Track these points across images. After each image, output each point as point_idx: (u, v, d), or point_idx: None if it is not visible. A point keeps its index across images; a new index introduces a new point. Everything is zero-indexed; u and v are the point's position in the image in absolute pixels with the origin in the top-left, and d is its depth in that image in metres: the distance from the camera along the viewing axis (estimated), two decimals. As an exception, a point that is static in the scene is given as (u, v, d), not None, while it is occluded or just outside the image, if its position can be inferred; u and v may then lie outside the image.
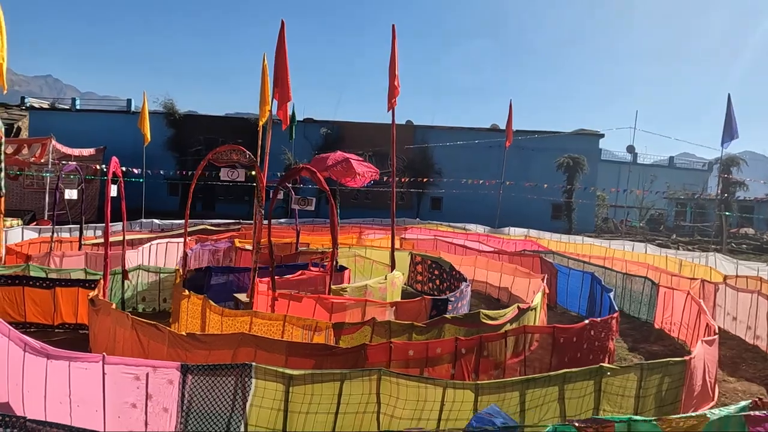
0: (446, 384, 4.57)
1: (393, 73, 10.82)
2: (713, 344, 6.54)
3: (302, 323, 6.75)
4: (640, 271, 13.78)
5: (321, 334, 6.70)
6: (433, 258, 12.54)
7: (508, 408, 4.69)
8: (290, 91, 8.78)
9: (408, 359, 5.65)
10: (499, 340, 6.07)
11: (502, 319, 7.69)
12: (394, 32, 10.89)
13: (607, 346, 7.35)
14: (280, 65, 8.66)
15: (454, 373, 5.74)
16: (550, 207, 29.85)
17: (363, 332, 6.67)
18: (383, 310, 8.04)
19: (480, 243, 16.65)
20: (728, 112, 17.03)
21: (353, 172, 9.97)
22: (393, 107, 11.05)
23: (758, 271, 14.12)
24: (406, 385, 4.54)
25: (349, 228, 19.79)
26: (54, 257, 11.19)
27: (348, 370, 4.54)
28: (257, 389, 4.47)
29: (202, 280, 10.60)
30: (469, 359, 5.85)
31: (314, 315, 7.78)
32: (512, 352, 6.58)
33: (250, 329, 6.89)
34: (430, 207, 31.97)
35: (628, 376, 5.20)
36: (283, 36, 8.73)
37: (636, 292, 11.71)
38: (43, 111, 34.80)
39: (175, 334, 5.81)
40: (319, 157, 10.62)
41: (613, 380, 5.14)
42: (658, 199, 39.28)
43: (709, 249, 26.93)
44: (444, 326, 6.99)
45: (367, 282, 9.50)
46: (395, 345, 5.57)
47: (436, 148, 30.85)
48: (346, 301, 7.88)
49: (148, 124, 19.79)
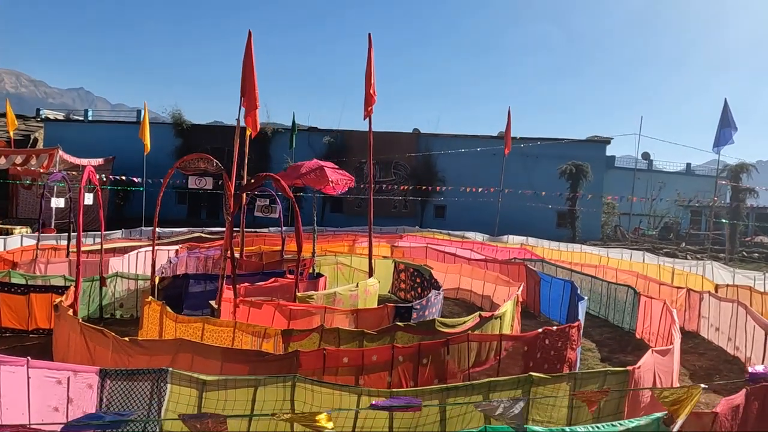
0: (361, 391, 4.54)
1: (369, 82, 10.87)
2: (667, 354, 6.37)
3: (251, 330, 6.77)
4: (629, 279, 13.51)
5: (270, 341, 6.71)
6: (414, 266, 12.49)
7: (427, 417, 4.64)
8: (257, 100, 8.88)
9: (342, 366, 5.62)
10: (440, 349, 6.00)
11: (460, 327, 7.61)
12: (371, 41, 10.96)
13: (565, 355, 7.21)
14: (247, 74, 8.77)
15: (391, 381, 5.69)
16: (555, 215, 29.48)
17: (311, 339, 6.66)
18: (343, 318, 8.03)
19: (472, 251, 16.53)
20: (724, 116, 16.66)
21: (326, 180, 10.01)
22: (369, 115, 11.09)
23: (754, 280, 13.72)
24: (320, 392, 4.52)
25: (344, 236, 19.82)
26: (39, 264, 11.45)
27: (262, 377, 4.54)
28: (172, 394, 4.50)
29: (181, 287, 10.73)
30: (407, 367, 5.79)
31: (273, 322, 7.80)
32: (470, 360, 6.52)
33: (202, 336, 6.94)
34: (434, 215, 31.85)
35: (560, 385, 5.10)
36: (251, 46, 8.85)
37: (620, 301, 11.49)
38: (58, 122, 35.76)
39: (118, 340, 5.88)
40: (294, 165, 10.70)
41: (544, 390, 5.04)
42: (672, 207, 38.52)
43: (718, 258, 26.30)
44: (396, 334, 6.94)
45: (336, 289, 9.49)
46: (329, 352, 5.56)
47: (440, 156, 30.79)
48: (304, 309, 7.88)
49: (148, 133, 20.20)
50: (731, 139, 16.67)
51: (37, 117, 35.07)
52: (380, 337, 6.83)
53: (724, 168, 26.12)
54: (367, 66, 10.94)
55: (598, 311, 12.39)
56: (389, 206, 31.56)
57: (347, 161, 32.02)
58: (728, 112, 16.51)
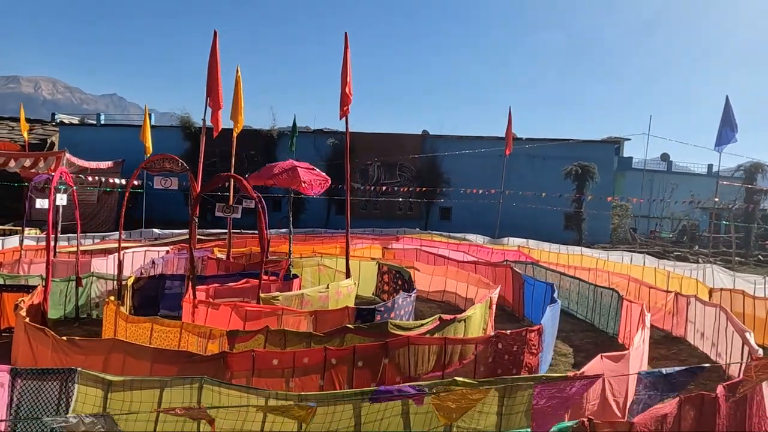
0: (269, 394, 4.41)
1: (345, 81, 10.78)
2: (620, 360, 6.09)
3: (197, 331, 6.71)
4: (621, 283, 13.12)
5: (215, 342, 6.65)
6: (396, 268, 12.33)
7: (340, 422, 4.49)
8: (221, 100, 8.85)
9: (273, 369, 5.51)
10: (378, 352, 5.84)
11: (417, 330, 7.43)
12: (347, 41, 10.86)
13: (522, 360, 6.98)
14: (212, 75, 8.75)
15: (323, 384, 5.56)
16: (563, 217, 28.91)
17: (257, 340, 6.57)
18: (301, 320, 7.92)
19: (465, 254, 16.28)
20: (725, 115, 16.03)
21: (298, 181, 9.93)
22: (346, 115, 11.00)
23: (755, 284, 13.19)
24: (227, 395, 4.41)
25: (340, 237, 19.73)
26: (23, 264, 11.63)
27: (168, 378, 4.46)
28: (79, 394, 4.44)
29: (157, 288, 10.77)
30: (341, 370, 5.65)
31: (230, 323, 7.74)
32: (418, 364, 6.35)
33: (150, 336, 6.92)
34: (439, 217, 31.56)
35: (488, 391, 4.89)
36: (216, 47, 8.84)
37: (605, 305, 11.14)
38: (72, 126, 36.56)
39: (57, 339, 5.88)
40: (268, 165, 10.66)
41: (470, 395, 4.84)
42: (689, 209, 37.45)
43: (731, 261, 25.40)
44: (346, 336, 6.80)
45: (304, 291, 9.39)
46: (258, 354, 5.45)
47: (446, 158, 30.51)
48: (260, 310, 7.80)
49: (149, 136, 20.46)
50: (734, 137, 16.05)
51: (53, 121, 35.91)
52: (328, 340, 6.69)
53: (738, 168, 25.26)
54: (343, 66, 10.86)
55: (585, 315, 12.05)
56: (394, 208, 31.40)
57: (352, 163, 32.03)
58: (730, 110, 15.92)
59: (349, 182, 11.37)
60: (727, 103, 16.03)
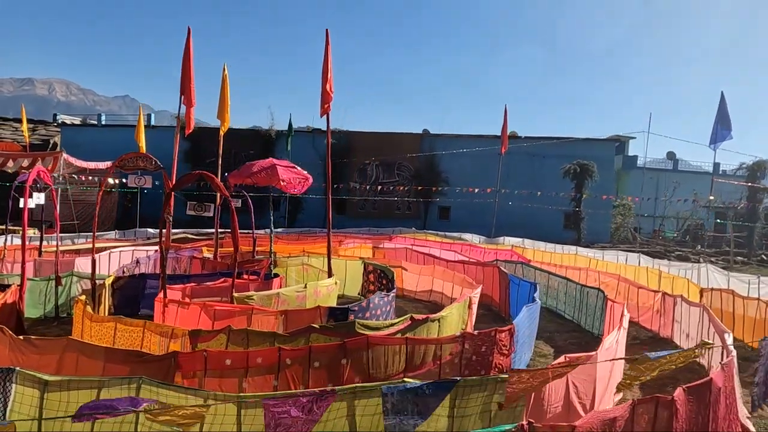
0: (207, 395, 4.31)
1: (326, 78, 10.67)
2: (585, 361, 5.92)
3: (160, 330, 6.64)
4: (611, 282, 12.93)
5: (177, 341, 6.56)
6: (381, 267, 12.21)
7: (281, 423, 4.37)
8: (194, 97, 8.77)
9: (225, 369, 5.41)
10: (336, 352, 5.72)
11: (387, 329, 7.31)
12: (328, 37, 10.76)
13: (491, 361, 6.83)
14: (185, 72, 8.67)
15: (277, 384, 5.45)
16: (563, 216, 28.62)
17: (219, 340, 6.48)
18: (271, 319, 7.83)
19: (456, 253, 16.12)
20: (720, 111, 15.70)
21: (277, 179, 9.84)
22: (327, 112, 10.89)
23: (749, 284, 12.94)
24: (166, 395, 4.32)
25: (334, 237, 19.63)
26: (6, 263, 11.63)
27: (107, 378, 4.38)
28: (17, 395, 4.37)
29: (137, 288, 10.72)
30: (296, 371, 5.54)
31: (199, 322, 7.66)
32: (383, 364, 6.23)
33: (114, 335, 6.85)
34: (438, 216, 31.38)
35: (438, 393, 4.75)
36: (189, 45, 8.76)
37: (591, 305, 10.95)
38: (74, 127, 36.79)
39: (14, 338, 5.82)
40: (247, 164, 10.58)
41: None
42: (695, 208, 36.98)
43: (735, 261, 25.03)
44: (311, 336, 6.69)
45: (280, 290, 9.30)
46: (210, 353, 5.36)
47: (444, 157, 30.34)
48: (229, 309, 7.71)
49: (143, 136, 20.53)
50: (729, 135, 15.73)
51: (55, 122, 36.14)
52: (293, 339, 6.59)
53: (740, 166, 24.85)
54: (324, 63, 10.75)
55: (573, 315, 11.87)
56: (393, 207, 31.26)
57: (350, 162, 31.94)
58: (725, 107, 15.60)
59: (330, 181, 11.26)
60: (722, 99, 15.72)
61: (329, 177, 11.26)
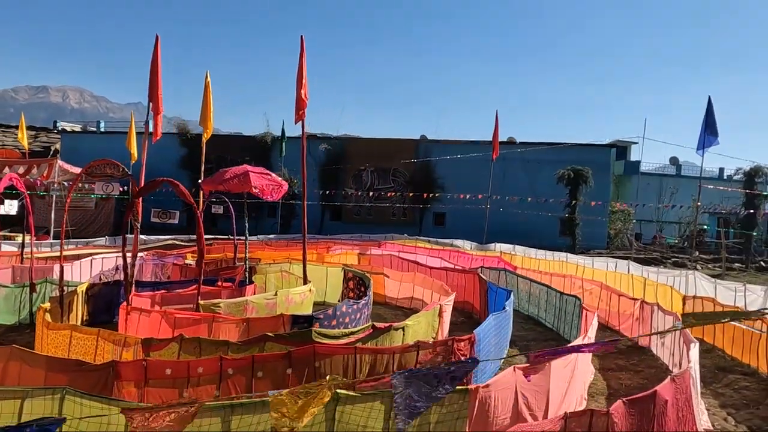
0: (130, 405, 4.25)
1: (300, 84, 10.66)
2: (537, 372, 5.81)
3: (113, 338, 6.60)
4: (594, 290, 12.78)
5: (129, 349, 6.52)
6: (359, 274, 12.14)
7: (207, 435, 4.30)
8: (161, 104, 8.78)
9: (166, 378, 5.35)
10: (281, 362, 5.65)
11: (346, 338, 7.24)
12: (303, 43, 10.76)
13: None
14: (153, 79, 8.68)
15: (219, 395, 5.38)
16: (558, 222, 28.41)
17: (170, 349, 6.43)
18: (232, 327, 7.77)
19: (441, 260, 16.02)
20: (708, 116, 15.52)
21: (249, 185, 9.81)
22: (302, 119, 10.87)
23: (735, 291, 12.75)
24: (89, 406, 4.26)
25: (319, 244, 19.62)
26: (-15, 270, 11.66)
27: (30, 388, 4.33)
28: (-60, 404, 4.33)
29: (111, 295, 10.70)
30: (239, 381, 5.47)
31: (159, 330, 7.62)
32: (335, 373, 6.15)
33: (69, 344, 6.82)
34: (433, 222, 31.27)
35: (372, 404, 4.67)
36: (157, 52, 8.77)
37: (568, 312, 10.80)
38: (74, 134, 37.10)
39: (-41, 347, 5.80)
40: (221, 170, 10.57)
41: (352, 408, 4.62)
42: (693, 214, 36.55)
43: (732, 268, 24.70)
44: (266, 344, 6.63)
45: (248, 298, 9.25)
46: (150, 363, 5.30)
47: (440, 163, 30.27)
48: (189, 317, 7.66)
49: (134, 143, 20.61)
50: (716, 141, 15.55)
51: (54, 129, 36.47)
52: (246, 348, 6.53)
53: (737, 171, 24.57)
54: (299, 68, 10.74)
55: (552, 323, 11.72)
56: (388, 214, 31.18)
57: (345, 168, 31.93)
58: (712, 112, 15.41)
59: (305, 186, 11.23)
60: (710, 104, 15.54)
61: (304, 182, 11.22)
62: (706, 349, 10.66)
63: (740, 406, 7.35)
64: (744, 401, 7.56)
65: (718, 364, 9.54)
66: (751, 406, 7.35)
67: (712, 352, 10.36)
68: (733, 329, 9.94)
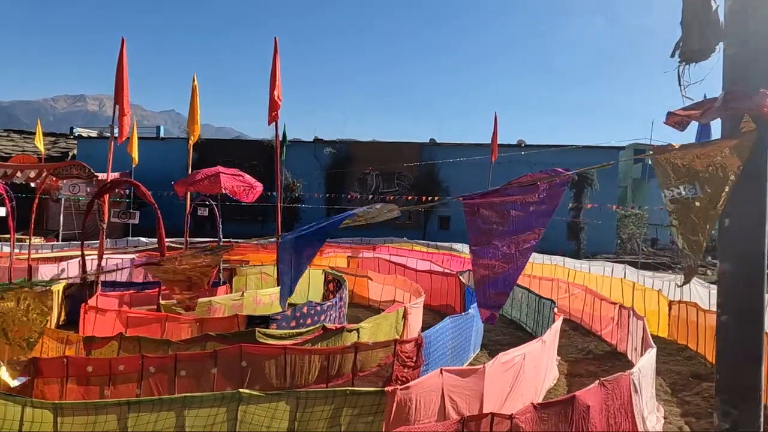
0: (25, 402, 4.25)
1: (273, 86, 10.69)
2: (468, 375, 5.65)
3: (56, 336, 6.66)
4: (579, 294, 12.47)
5: (72, 347, 6.57)
6: (337, 276, 12.07)
7: None
8: (128, 105, 8.88)
9: (89, 376, 5.36)
10: (205, 361, 5.61)
11: (293, 339, 7.17)
12: (276, 46, 10.80)
13: (390, 373, 6.60)
14: (119, 81, 8.80)
15: (140, 393, 5.37)
16: (566, 227, 27.88)
17: (111, 347, 6.46)
18: (184, 327, 7.78)
19: (431, 263, 15.86)
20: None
21: (219, 187, 9.86)
22: (275, 120, 10.91)
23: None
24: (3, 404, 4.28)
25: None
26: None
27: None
28: None
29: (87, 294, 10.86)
30: (161, 379, 5.45)
31: (113, 329, 7.67)
32: (268, 374, 6.10)
33: (17, 340, 6.89)
34: (438, 227, 31.02)
35: (277, 405, 4.58)
36: (123, 55, 8.89)
37: (546, 316, 10.55)
38: (90, 139, 38.01)
39: None
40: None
41: (255, 409, 4.55)
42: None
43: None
44: (207, 343, 6.61)
45: (213, 299, 9.26)
46: (71, 360, 5.32)
47: (444, 166, 30.05)
48: (142, 316, 7.70)
49: (136, 147, 21.00)
50: (710, 133, 15.00)
51: (71, 135, 37.43)
52: (187, 347, 6.52)
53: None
54: (272, 70, 10.78)
55: (532, 328, 11.45)
56: (393, 218, 31.06)
57: (350, 172, 31.96)
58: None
59: (280, 189, 11.23)
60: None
61: (278, 185, 11.23)
62: (688, 356, 10.29)
63: (703, 415, 7.04)
64: (709, 410, 7.22)
65: (695, 371, 9.18)
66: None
67: (694, 359, 9.99)
68: (714, 336, 9.55)
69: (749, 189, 3.03)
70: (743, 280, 3.11)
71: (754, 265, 3.09)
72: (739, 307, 3.12)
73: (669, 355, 10.17)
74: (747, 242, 3.08)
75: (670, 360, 9.90)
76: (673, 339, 11.23)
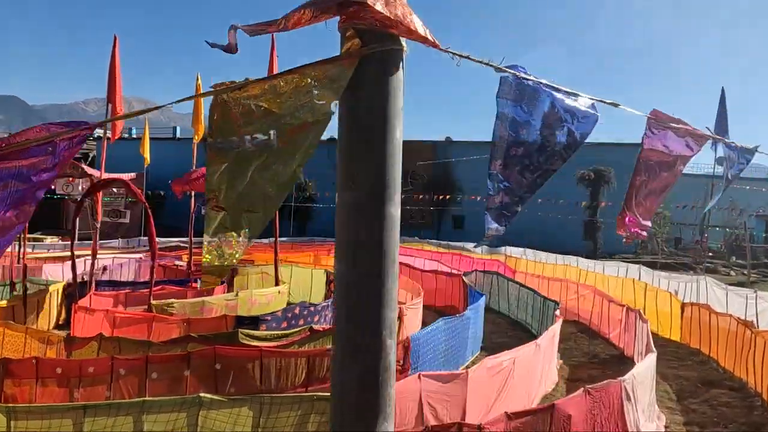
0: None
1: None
2: (450, 381, 5.39)
3: (39, 336, 6.62)
4: (587, 295, 12.07)
5: (53, 347, 6.52)
6: (337, 276, 11.90)
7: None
8: (120, 104, 8.84)
9: (59, 377, 5.27)
10: (179, 363, 5.47)
11: (279, 341, 7.01)
12: (273, 44, 10.69)
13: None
14: (112, 80, 8.77)
15: (110, 395, 5.25)
16: (582, 226, 27.19)
17: (91, 347, 6.38)
18: (172, 327, 7.68)
19: (438, 263, 15.60)
20: (721, 109, 14.31)
21: (214, 186, 9.75)
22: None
23: (746, 299, 11.69)
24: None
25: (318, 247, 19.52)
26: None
27: None
28: None
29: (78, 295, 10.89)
30: (131, 382, 5.33)
31: (101, 329, 7.62)
32: (248, 377, 5.95)
33: (2, 341, 6.89)
34: (452, 226, 30.64)
35: (239, 410, 4.41)
36: (116, 52, 8.85)
37: (549, 317, 10.19)
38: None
39: None
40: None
41: (217, 414, 4.38)
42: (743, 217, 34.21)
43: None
44: (188, 345, 6.48)
45: (206, 298, 9.16)
46: (40, 361, 5.24)
47: (459, 164, 29.64)
48: (129, 317, 7.63)
49: (148, 148, 21.20)
50: (727, 137, 14.24)
51: (91, 136, 38.21)
52: (168, 348, 6.41)
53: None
54: (269, 70, 10.66)
55: (538, 330, 11.08)
56: (406, 216, 30.77)
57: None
58: (724, 105, 14.20)
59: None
60: (723, 98, 14.33)
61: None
62: (700, 360, 9.84)
63: (707, 425, 6.63)
64: (716, 419, 6.82)
65: (705, 377, 8.72)
66: (720, 425, 6.62)
67: (706, 364, 9.53)
68: (727, 335, 9.08)
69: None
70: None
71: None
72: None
73: (679, 360, 9.72)
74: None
75: (680, 365, 9.45)
76: (686, 342, 10.75)
